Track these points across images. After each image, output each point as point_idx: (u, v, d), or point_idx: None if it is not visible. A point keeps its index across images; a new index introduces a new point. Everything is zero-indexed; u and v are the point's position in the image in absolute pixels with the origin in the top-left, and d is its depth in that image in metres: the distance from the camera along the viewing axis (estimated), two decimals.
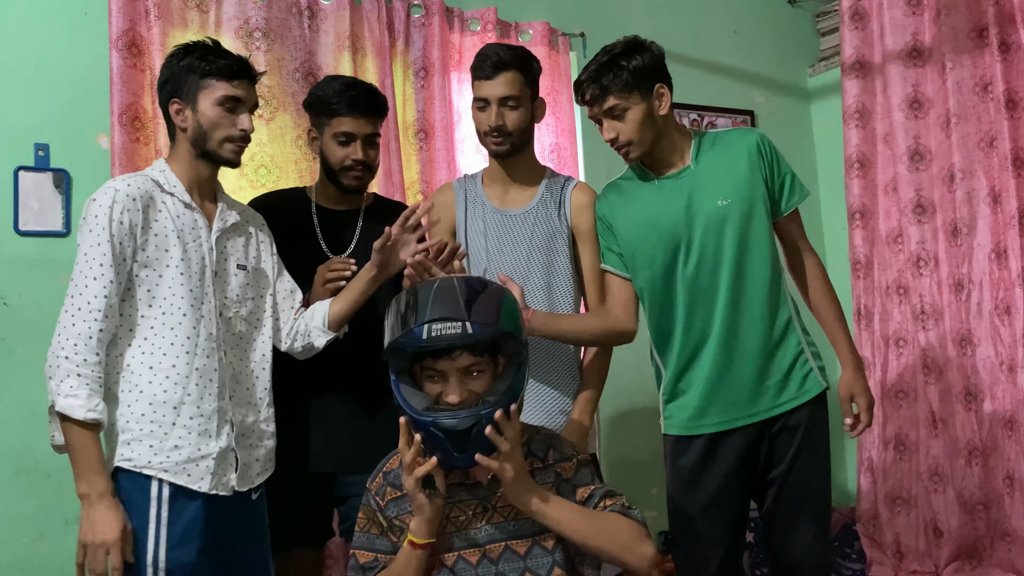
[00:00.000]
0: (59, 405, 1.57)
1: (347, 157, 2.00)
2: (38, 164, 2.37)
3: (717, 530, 1.94)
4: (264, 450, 1.83)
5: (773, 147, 1.98)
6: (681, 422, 1.96)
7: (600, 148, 3.25)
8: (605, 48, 1.92)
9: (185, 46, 1.79)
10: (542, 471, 1.55)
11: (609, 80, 1.86)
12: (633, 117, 1.88)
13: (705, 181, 1.92)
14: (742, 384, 1.91)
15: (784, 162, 1.98)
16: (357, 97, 1.99)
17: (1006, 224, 2.86)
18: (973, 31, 2.92)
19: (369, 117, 2.01)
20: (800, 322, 1.97)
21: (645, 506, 3.24)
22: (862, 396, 1.97)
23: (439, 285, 1.47)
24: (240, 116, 1.76)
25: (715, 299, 1.91)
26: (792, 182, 1.97)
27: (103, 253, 1.62)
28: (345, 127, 1.99)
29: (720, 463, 1.92)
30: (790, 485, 1.92)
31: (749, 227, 1.90)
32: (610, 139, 1.92)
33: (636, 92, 1.87)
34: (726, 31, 3.69)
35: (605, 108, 1.89)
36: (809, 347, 1.95)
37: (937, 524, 3.02)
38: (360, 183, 2.04)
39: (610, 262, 2.01)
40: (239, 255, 1.84)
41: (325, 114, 2.01)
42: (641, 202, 1.97)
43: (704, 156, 1.95)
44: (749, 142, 1.95)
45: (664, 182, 1.96)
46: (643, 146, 1.91)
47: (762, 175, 1.93)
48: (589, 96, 1.90)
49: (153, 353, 1.68)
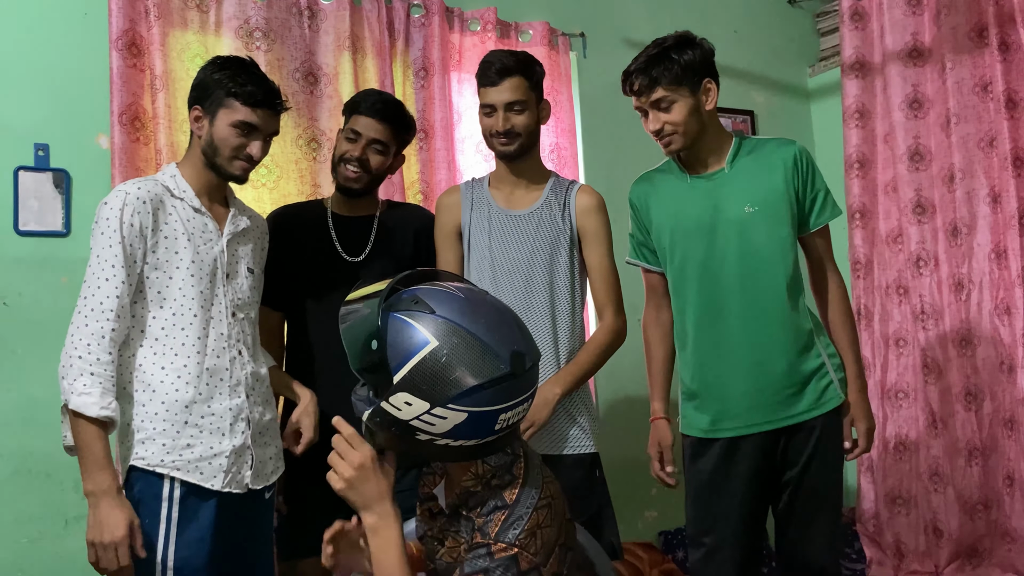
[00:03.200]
0: (72, 403, 1.58)
1: (348, 152, 2.06)
2: (38, 164, 2.37)
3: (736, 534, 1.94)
4: (275, 448, 1.86)
5: (811, 162, 1.98)
6: (698, 425, 1.97)
7: (600, 148, 3.28)
8: (656, 41, 1.93)
9: (225, 58, 1.83)
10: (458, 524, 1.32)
11: (659, 72, 1.87)
12: (680, 110, 1.89)
13: (736, 186, 1.93)
14: (760, 390, 1.91)
15: (820, 178, 1.99)
16: (377, 103, 2.08)
17: (1006, 224, 2.86)
18: (973, 31, 2.92)
19: (382, 123, 2.06)
20: (822, 334, 1.98)
21: (645, 506, 3.24)
22: (862, 421, 1.98)
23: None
24: (252, 142, 1.78)
25: (731, 303, 1.92)
26: (825, 199, 1.98)
27: (115, 255, 1.65)
28: (356, 125, 2.07)
29: (738, 467, 1.93)
30: (805, 487, 1.93)
31: (772, 236, 1.91)
32: (655, 130, 1.93)
33: (685, 86, 1.88)
34: (726, 31, 3.69)
35: (653, 99, 1.89)
36: (831, 359, 1.96)
37: (937, 524, 3.02)
38: (356, 183, 2.07)
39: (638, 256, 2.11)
40: (249, 259, 1.87)
41: (347, 113, 2.12)
42: (670, 196, 2.00)
43: (740, 161, 1.96)
44: (787, 154, 1.95)
45: (696, 181, 1.98)
46: (686, 139, 1.92)
47: (795, 188, 1.94)
48: (638, 86, 1.91)
49: (165, 354, 1.70)
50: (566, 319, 2.04)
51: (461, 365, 1.16)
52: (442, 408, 1.17)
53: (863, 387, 2.01)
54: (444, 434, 1.19)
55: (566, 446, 2.00)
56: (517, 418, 1.24)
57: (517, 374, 1.19)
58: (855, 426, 1.99)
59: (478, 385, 1.16)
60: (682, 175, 2.00)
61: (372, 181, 2.11)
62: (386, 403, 1.19)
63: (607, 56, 3.31)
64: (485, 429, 1.20)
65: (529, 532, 1.22)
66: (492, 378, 1.17)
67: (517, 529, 1.21)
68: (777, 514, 2.00)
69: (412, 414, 1.18)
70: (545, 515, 1.25)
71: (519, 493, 1.25)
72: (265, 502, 1.84)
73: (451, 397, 1.16)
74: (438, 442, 1.20)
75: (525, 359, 1.21)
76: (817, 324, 1.98)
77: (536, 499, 1.25)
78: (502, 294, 2.00)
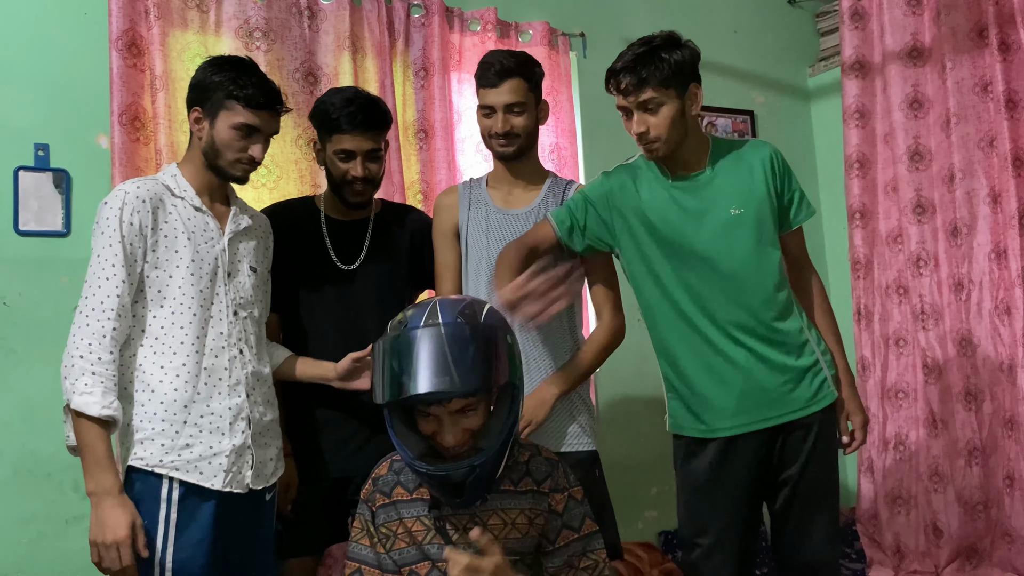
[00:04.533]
0: (74, 403, 1.58)
1: (348, 172, 2.01)
2: (38, 164, 2.37)
3: (731, 533, 1.93)
4: (275, 449, 1.86)
5: (785, 163, 1.98)
6: (692, 425, 1.95)
7: (600, 148, 3.28)
8: (643, 39, 1.88)
9: (223, 59, 1.82)
10: (534, 495, 1.56)
11: (649, 72, 1.82)
12: (666, 113, 1.85)
13: (719, 187, 1.92)
14: (756, 389, 1.89)
15: (794, 179, 1.99)
16: (355, 113, 1.97)
17: (1006, 224, 2.86)
18: (973, 31, 2.92)
19: (369, 133, 2.00)
20: (814, 332, 1.97)
21: (645, 506, 3.24)
22: (857, 415, 1.99)
23: (427, 347, 1.41)
24: (254, 144, 1.78)
25: (721, 304, 1.90)
26: (800, 199, 1.99)
27: (115, 254, 1.65)
28: (345, 144, 1.99)
29: (734, 467, 1.91)
30: (803, 485, 1.92)
31: (759, 237, 1.90)
32: (639, 132, 1.87)
33: (673, 88, 1.84)
34: (726, 31, 3.69)
35: (640, 100, 1.84)
36: (823, 355, 1.95)
37: (937, 524, 3.02)
38: (363, 197, 2.06)
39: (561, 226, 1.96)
40: (250, 257, 1.86)
41: (326, 129, 2.02)
42: (653, 198, 1.94)
43: (720, 163, 1.95)
44: (763, 155, 1.95)
45: (678, 182, 1.94)
46: (670, 144, 1.88)
47: (774, 189, 1.94)
48: (625, 85, 1.85)
49: (164, 353, 1.70)
50: (565, 318, 2.04)
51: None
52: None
53: (852, 381, 2.02)
54: None
55: (565, 444, 2.00)
56: None
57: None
58: (850, 420, 1.99)
59: None
60: (662, 177, 1.96)
61: (376, 189, 2.11)
62: None
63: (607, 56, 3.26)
64: None
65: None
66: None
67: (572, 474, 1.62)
68: (774, 513, 1.99)
69: None
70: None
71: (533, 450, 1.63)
72: (266, 503, 1.83)
73: None
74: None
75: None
76: (807, 321, 1.98)
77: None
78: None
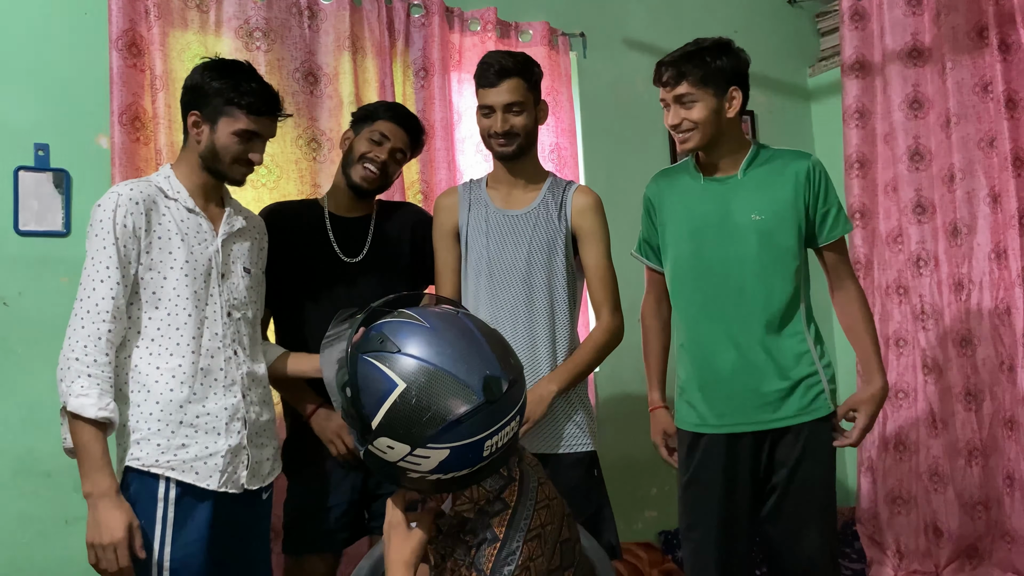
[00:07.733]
0: (71, 405, 1.59)
1: (372, 152, 2.07)
2: (38, 164, 2.37)
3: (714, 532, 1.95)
4: (271, 449, 1.86)
5: (825, 176, 1.98)
6: (688, 419, 2.01)
7: (600, 148, 3.28)
8: (696, 39, 1.97)
9: (221, 63, 1.82)
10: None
11: (688, 68, 1.90)
12: (701, 109, 1.91)
13: (746, 193, 1.95)
14: (747, 392, 1.93)
15: (833, 193, 1.99)
16: (404, 113, 2.16)
17: (1006, 224, 2.86)
18: (973, 31, 2.92)
19: (408, 135, 2.12)
20: (820, 345, 1.97)
21: (645, 506, 3.24)
22: (864, 416, 1.97)
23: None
24: (253, 148, 1.79)
25: (726, 305, 1.94)
26: (837, 214, 1.99)
27: (109, 256, 1.66)
28: (382, 128, 2.09)
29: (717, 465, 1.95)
30: (791, 494, 1.93)
31: (775, 245, 1.93)
32: (673, 124, 1.95)
33: (710, 87, 1.91)
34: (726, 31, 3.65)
35: (676, 93, 1.92)
36: (825, 370, 1.96)
37: (937, 524, 3.02)
38: (370, 183, 2.09)
39: (643, 252, 2.15)
40: (244, 259, 1.86)
41: (369, 119, 2.13)
42: (682, 194, 2.03)
43: (754, 170, 1.98)
44: (800, 167, 1.96)
45: (709, 184, 2.00)
46: (702, 139, 1.94)
47: (805, 201, 1.95)
48: (666, 78, 1.94)
49: (160, 354, 1.70)
50: (563, 318, 2.05)
51: (432, 404, 1.13)
52: (423, 448, 1.14)
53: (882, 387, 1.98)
54: (432, 471, 1.17)
55: (564, 445, 2.01)
56: (507, 439, 1.20)
57: (493, 400, 1.15)
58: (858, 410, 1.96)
59: (453, 421, 1.13)
60: (696, 175, 2.02)
61: (381, 187, 2.13)
62: (371, 447, 1.17)
63: (607, 56, 3.31)
64: (473, 459, 1.17)
65: (523, 567, 1.20)
66: (467, 411, 1.14)
67: (511, 565, 1.21)
68: (763, 519, 1.99)
69: (397, 456, 1.16)
70: (535, 546, 1.23)
71: (507, 529, 1.23)
72: (262, 503, 1.83)
73: (429, 437, 1.13)
74: (429, 478, 1.18)
75: (500, 382, 1.17)
76: (817, 335, 1.98)
77: (526, 531, 1.23)
78: (499, 294, 2.02)
